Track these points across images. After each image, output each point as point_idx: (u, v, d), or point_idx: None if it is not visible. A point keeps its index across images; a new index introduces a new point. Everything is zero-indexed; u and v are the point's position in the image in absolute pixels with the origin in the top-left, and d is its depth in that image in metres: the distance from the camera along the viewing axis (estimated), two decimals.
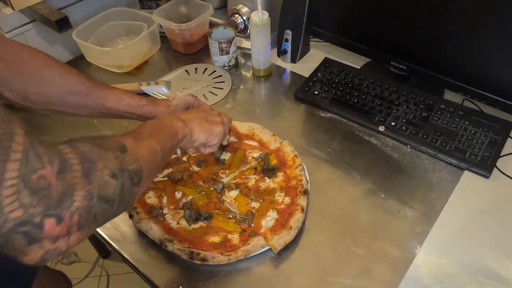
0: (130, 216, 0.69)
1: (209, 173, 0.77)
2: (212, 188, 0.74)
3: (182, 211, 0.71)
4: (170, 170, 0.78)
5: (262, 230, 0.68)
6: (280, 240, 0.66)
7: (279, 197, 0.73)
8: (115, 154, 0.43)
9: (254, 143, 0.82)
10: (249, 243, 0.66)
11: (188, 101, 0.75)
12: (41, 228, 0.34)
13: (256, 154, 0.80)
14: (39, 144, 0.36)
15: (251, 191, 0.74)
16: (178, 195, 0.74)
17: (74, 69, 0.66)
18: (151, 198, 0.73)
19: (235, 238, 0.67)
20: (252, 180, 0.76)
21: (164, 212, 0.71)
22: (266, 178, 0.76)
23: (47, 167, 0.35)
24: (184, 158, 0.80)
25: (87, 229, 0.39)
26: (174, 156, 0.80)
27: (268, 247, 0.66)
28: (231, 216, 0.71)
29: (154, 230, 0.67)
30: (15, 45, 0.62)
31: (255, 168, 0.77)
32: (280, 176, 0.76)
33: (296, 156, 0.77)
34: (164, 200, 0.73)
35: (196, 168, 0.78)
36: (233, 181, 0.76)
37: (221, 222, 0.69)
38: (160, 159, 0.53)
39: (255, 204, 0.72)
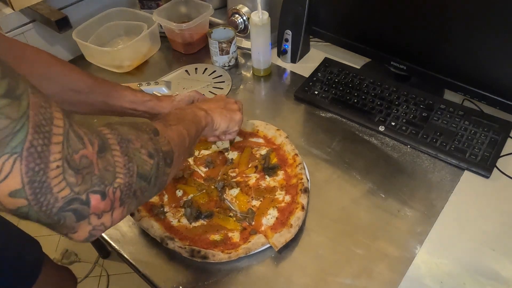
0: (131, 214, 0.69)
1: (217, 173, 0.77)
2: (213, 187, 0.74)
3: (183, 209, 0.71)
4: None
5: (263, 228, 0.68)
6: (280, 238, 0.66)
7: (280, 195, 0.73)
8: (150, 136, 0.45)
9: (260, 140, 0.82)
10: (249, 241, 0.66)
11: (192, 96, 0.76)
12: (88, 204, 0.36)
13: (263, 151, 0.80)
14: (78, 126, 0.37)
15: (251, 189, 0.74)
16: (179, 193, 0.74)
17: (76, 67, 0.66)
18: None
19: (235, 236, 0.67)
20: (252, 178, 0.76)
21: (165, 210, 0.71)
22: (266, 176, 0.76)
23: (88, 146, 0.36)
24: (191, 160, 0.80)
25: (128, 205, 0.40)
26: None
27: (268, 245, 0.66)
28: (232, 214, 0.71)
29: (155, 228, 0.67)
30: (17, 44, 0.62)
31: (256, 167, 0.77)
32: (280, 175, 0.76)
33: (296, 154, 0.77)
34: (165, 198, 0.73)
35: (203, 169, 0.78)
36: (234, 180, 0.76)
37: (221, 220, 0.69)
38: (187, 144, 0.54)
39: (255, 203, 0.72)
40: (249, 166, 0.78)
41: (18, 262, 0.83)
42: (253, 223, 0.69)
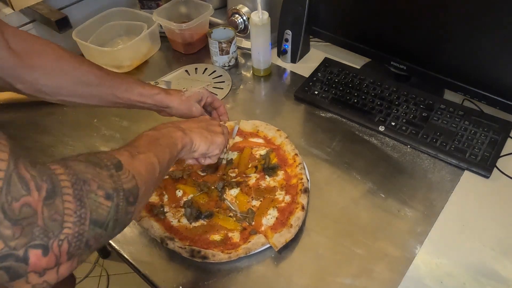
0: None
1: (215, 179, 0.76)
2: (213, 187, 0.74)
3: (183, 209, 0.71)
4: (171, 169, 0.77)
5: (263, 228, 0.68)
6: (280, 238, 0.66)
7: (280, 195, 0.73)
8: (110, 173, 0.41)
9: (260, 140, 0.82)
10: (249, 241, 0.66)
11: (202, 94, 0.75)
12: (26, 261, 0.32)
13: (263, 152, 0.80)
14: (27, 167, 0.33)
15: (251, 189, 0.74)
16: (178, 193, 0.74)
17: (86, 60, 0.67)
18: (152, 197, 0.73)
19: (235, 236, 0.67)
20: (252, 178, 0.76)
21: (165, 210, 0.71)
22: (266, 176, 0.76)
23: (33, 193, 0.32)
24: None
25: (78, 257, 0.36)
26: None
27: (268, 245, 0.66)
28: (232, 215, 0.71)
29: (155, 228, 0.67)
30: (27, 36, 0.62)
31: (256, 167, 0.77)
32: (280, 175, 0.76)
33: (296, 154, 0.77)
34: (165, 198, 0.73)
35: (202, 174, 0.77)
36: (234, 180, 0.76)
37: (221, 220, 0.69)
38: (158, 174, 0.50)
39: (255, 203, 0.72)
40: (249, 166, 0.78)
41: None
42: (253, 223, 0.69)
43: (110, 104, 0.69)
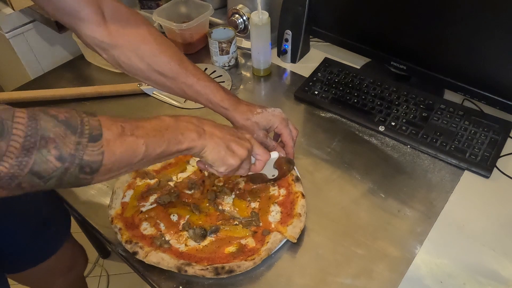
0: (135, 253, 0.64)
1: (204, 197, 0.73)
2: (206, 204, 0.72)
3: (185, 232, 0.68)
4: (155, 195, 0.73)
5: (273, 226, 0.68)
6: (294, 229, 0.66)
7: (274, 191, 0.73)
8: (79, 140, 0.43)
9: None
10: (267, 242, 0.65)
11: (272, 123, 0.70)
12: None
13: None
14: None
15: (245, 192, 0.73)
16: (174, 218, 0.70)
17: (170, 49, 0.67)
18: (147, 229, 0.68)
19: (250, 242, 0.66)
20: (241, 182, 0.75)
21: (167, 238, 0.67)
22: None
23: None
24: (172, 184, 0.75)
25: (8, 191, 0.40)
26: (154, 181, 0.76)
27: (285, 240, 0.66)
28: (237, 222, 0.69)
29: (166, 259, 0.63)
30: (124, 12, 0.64)
31: None
32: None
33: None
34: (162, 226, 0.69)
35: (188, 192, 0.74)
36: (225, 186, 0.74)
37: (229, 231, 0.68)
38: (137, 161, 0.49)
39: (254, 204, 0.72)
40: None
41: (44, 233, 0.85)
42: (261, 224, 0.68)
43: (182, 96, 0.71)
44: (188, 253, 0.65)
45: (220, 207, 0.72)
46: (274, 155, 0.65)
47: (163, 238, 0.67)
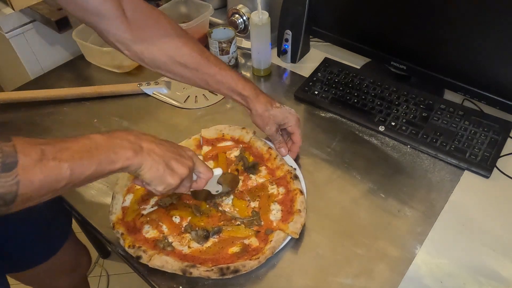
0: (138, 258, 0.64)
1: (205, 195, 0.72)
2: (207, 206, 0.72)
3: (188, 234, 0.68)
4: (156, 198, 0.73)
5: (275, 224, 0.68)
6: (296, 225, 0.66)
7: (273, 189, 0.73)
8: None
9: (229, 143, 0.81)
10: (271, 240, 0.65)
11: (287, 120, 0.73)
12: None
13: (236, 153, 0.79)
14: None
15: (244, 192, 0.73)
16: (176, 220, 0.70)
17: (191, 41, 0.69)
18: (149, 232, 0.68)
19: (253, 241, 0.66)
20: (239, 183, 0.75)
21: (170, 241, 0.67)
22: (251, 175, 0.76)
23: None
24: None
25: None
26: None
27: (289, 238, 0.66)
28: (239, 222, 0.69)
29: (170, 262, 0.62)
30: (144, 7, 0.66)
31: (237, 170, 0.76)
32: (263, 170, 0.76)
33: (270, 148, 0.78)
34: (164, 229, 0.69)
35: (189, 193, 0.72)
36: None
37: (232, 232, 0.68)
38: (62, 187, 0.46)
39: (254, 204, 0.72)
40: (229, 171, 0.76)
41: (46, 232, 0.85)
42: (262, 223, 0.69)
43: (202, 87, 0.72)
44: (192, 255, 0.65)
45: (220, 208, 0.72)
46: (218, 172, 0.65)
47: (166, 241, 0.67)
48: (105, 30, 0.63)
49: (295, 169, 0.75)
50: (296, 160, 0.79)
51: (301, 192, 0.70)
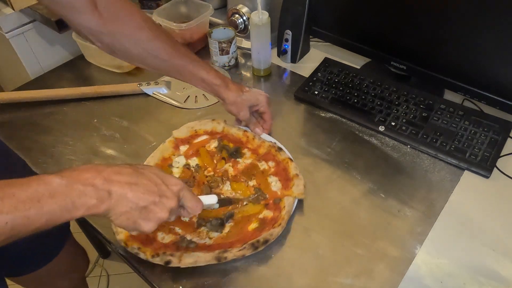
0: (168, 263, 0.62)
1: (201, 189, 0.74)
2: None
3: (203, 227, 0.68)
4: None
5: (279, 193, 0.72)
6: (299, 188, 0.71)
7: (263, 166, 0.76)
8: None
9: (204, 137, 0.83)
10: (284, 206, 0.69)
11: (259, 102, 0.78)
12: None
13: (214, 144, 0.81)
14: None
15: (237, 176, 0.76)
16: (185, 219, 0.70)
17: (163, 33, 0.71)
18: (165, 238, 0.67)
19: (267, 213, 0.69)
20: (229, 169, 0.77)
21: (189, 238, 0.67)
22: (238, 159, 0.78)
23: None
24: None
25: None
26: None
27: (297, 200, 0.70)
28: (246, 202, 0.72)
29: (202, 255, 0.62)
30: (116, 1, 0.66)
31: (223, 158, 0.78)
32: (247, 152, 0.80)
33: (245, 131, 0.81)
34: (178, 230, 0.68)
35: None
36: (216, 175, 0.76)
37: (244, 211, 0.70)
38: (5, 238, 0.40)
39: (252, 182, 0.74)
40: (215, 162, 0.78)
41: (45, 236, 0.84)
42: (267, 196, 0.72)
43: (176, 77, 0.75)
44: (217, 243, 0.66)
45: (222, 196, 0.73)
46: (211, 200, 0.62)
47: (186, 239, 0.66)
48: (77, 23, 0.64)
49: (275, 143, 0.78)
50: (296, 159, 0.78)
51: (290, 159, 0.74)
